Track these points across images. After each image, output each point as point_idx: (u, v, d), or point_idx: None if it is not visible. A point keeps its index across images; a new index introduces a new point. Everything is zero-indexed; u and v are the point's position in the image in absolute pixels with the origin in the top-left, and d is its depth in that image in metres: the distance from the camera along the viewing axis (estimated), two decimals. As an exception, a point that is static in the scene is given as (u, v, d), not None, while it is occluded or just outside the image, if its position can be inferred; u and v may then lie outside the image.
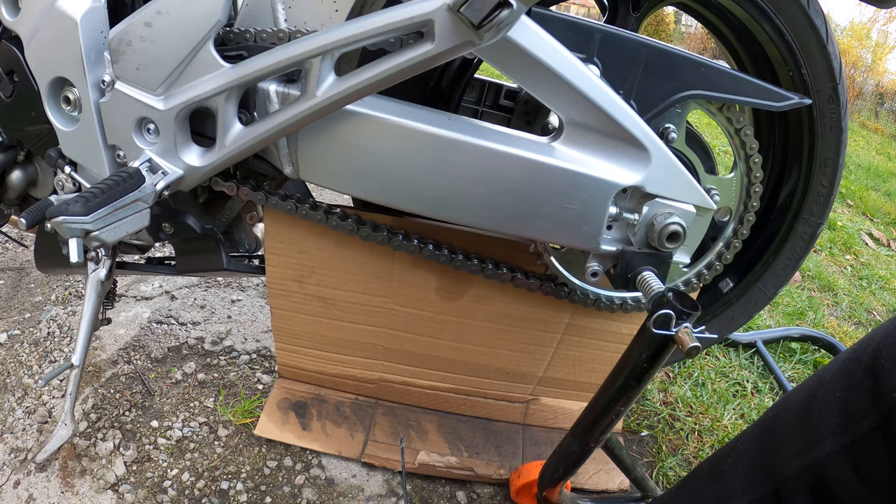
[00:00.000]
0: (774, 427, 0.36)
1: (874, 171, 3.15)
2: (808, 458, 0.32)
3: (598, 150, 0.48)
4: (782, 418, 0.36)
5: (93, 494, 0.62)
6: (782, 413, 0.36)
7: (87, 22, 0.50)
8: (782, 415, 0.36)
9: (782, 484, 0.33)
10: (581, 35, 0.48)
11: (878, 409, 0.30)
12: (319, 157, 0.50)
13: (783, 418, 0.35)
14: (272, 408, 0.73)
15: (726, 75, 0.52)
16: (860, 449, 0.30)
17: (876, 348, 0.31)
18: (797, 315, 1.21)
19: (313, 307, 0.68)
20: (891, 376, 0.29)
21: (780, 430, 0.35)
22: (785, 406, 0.36)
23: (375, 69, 0.41)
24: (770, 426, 0.36)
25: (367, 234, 0.57)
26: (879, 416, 0.29)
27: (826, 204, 0.68)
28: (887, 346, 0.31)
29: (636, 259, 0.52)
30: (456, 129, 0.47)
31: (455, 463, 0.69)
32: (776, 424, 0.36)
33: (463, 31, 0.37)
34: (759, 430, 0.37)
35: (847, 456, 0.30)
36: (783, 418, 0.35)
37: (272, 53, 0.45)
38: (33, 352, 0.81)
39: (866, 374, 0.31)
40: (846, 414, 0.31)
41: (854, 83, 6.23)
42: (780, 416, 0.36)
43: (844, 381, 0.32)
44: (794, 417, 0.34)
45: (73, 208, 0.46)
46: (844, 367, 0.33)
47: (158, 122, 0.50)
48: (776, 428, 0.36)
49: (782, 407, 0.37)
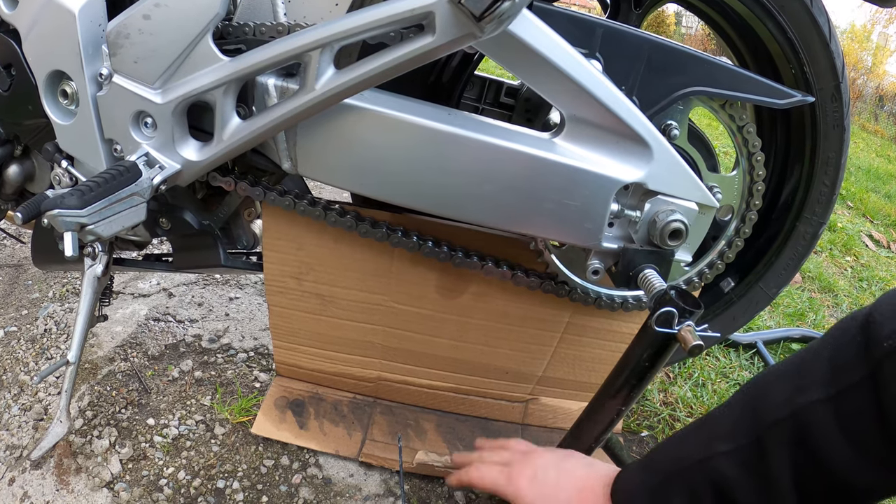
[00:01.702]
0: (764, 378, 0.36)
1: (874, 173, 3.15)
2: (794, 405, 0.32)
3: (599, 146, 0.48)
4: (772, 373, 0.36)
5: (88, 492, 0.62)
6: (773, 369, 0.37)
7: (85, 14, 0.50)
8: (773, 370, 0.36)
9: (766, 431, 0.33)
10: (583, 30, 0.48)
11: (867, 360, 0.30)
12: (318, 152, 0.49)
13: (773, 373, 0.36)
14: (269, 406, 0.72)
15: (729, 72, 0.52)
16: (846, 399, 0.30)
17: (870, 310, 0.32)
18: (797, 316, 1.21)
19: (311, 304, 0.67)
20: (881, 328, 0.30)
21: (769, 380, 0.36)
22: (777, 365, 0.37)
23: (375, 62, 0.41)
24: (762, 378, 0.37)
25: (365, 231, 0.56)
26: (868, 366, 0.30)
27: (828, 203, 0.68)
28: (881, 304, 0.31)
29: (638, 257, 0.52)
30: (456, 124, 0.46)
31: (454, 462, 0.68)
32: (766, 376, 0.36)
33: (464, 24, 0.37)
34: (752, 383, 0.38)
35: (832, 406, 0.31)
36: (773, 373, 0.36)
37: (271, 46, 0.44)
38: (30, 349, 0.81)
39: (858, 330, 0.31)
40: (835, 364, 0.31)
41: (854, 85, 6.25)
42: (771, 372, 0.36)
43: (837, 337, 0.33)
44: (783, 369, 0.35)
45: (69, 202, 0.45)
46: (839, 325, 0.34)
47: (156, 116, 0.50)
48: (766, 378, 0.36)
49: (774, 366, 0.38)
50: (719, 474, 0.34)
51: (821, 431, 0.31)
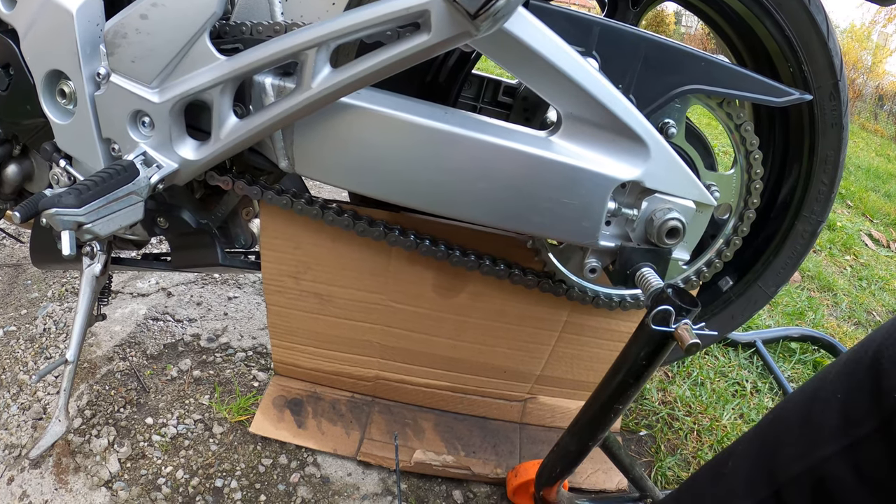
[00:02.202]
0: (775, 429, 0.36)
1: (874, 172, 3.15)
2: (809, 461, 0.32)
3: (596, 144, 0.48)
4: (783, 420, 0.35)
5: (86, 491, 0.62)
6: (783, 415, 0.36)
7: (82, 14, 0.50)
8: (783, 416, 0.36)
9: (783, 486, 0.33)
10: (580, 28, 0.48)
11: (879, 411, 0.29)
12: (315, 151, 0.49)
13: (784, 420, 0.35)
14: (267, 405, 0.72)
15: (727, 70, 0.52)
16: (861, 451, 0.30)
17: (877, 349, 0.31)
18: (797, 315, 1.21)
19: (309, 304, 0.67)
20: (891, 378, 0.29)
21: (780, 432, 0.35)
22: (785, 408, 0.36)
23: (371, 61, 0.41)
24: (770, 428, 0.36)
25: (363, 230, 0.56)
26: (880, 417, 0.29)
27: (827, 202, 0.68)
28: (888, 346, 0.30)
29: (635, 255, 0.52)
30: (452, 123, 0.46)
31: (452, 462, 0.68)
32: (776, 426, 0.36)
33: (459, 22, 0.37)
34: (760, 432, 0.37)
35: (847, 458, 0.30)
36: (784, 420, 0.35)
37: (267, 45, 0.44)
38: (29, 348, 0.81)
39: (867, 376, 0.31)
40: (847, 416, 0.31)
41: (854, 85, 6.24)
42: (781, 418, 0.36)
43: (845, 383, 0.32)
44: (794, 419, 0.34)
45: (66, 200, 0.45)
46: (845, 368, 0.33)
47: (153, 115, 0.50)
48: (777, 430, 0.36)
49: (782, 409, 0.36)
50: None
51: (839, 484, 0.30)
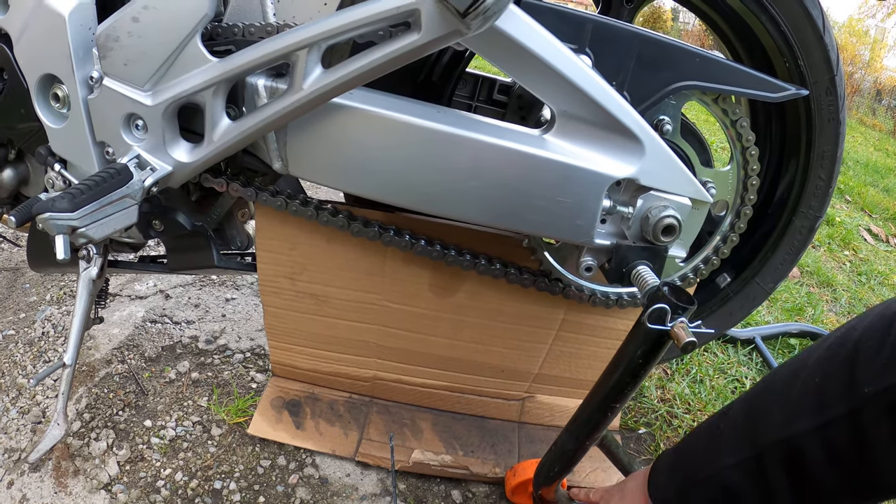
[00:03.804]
0: (761, 398, 0.41)
1: (872, 167, 3.14)
2: (786, 431, 0.37)
3: (590, 141, 0.48)
4: (768, 391, 0.41)
5: (86, 494, 0.62)
6: (769, 387, 0.41)
7: (75, 18, 0.50)
8: (769, 387, 0.41)
9: (763, 451, 0.38)
10: (572, 25, 0.48)
11: (849, 400, 0.33)
12: (308, 152, 0.49)
13: (769, 392, 0.41)
14: (266, 406, 0.72)
15: (721, 66, 0.52)
16: (830, 431, 0.35)
17: (857, 340, 0.35)
18: (796, 311, 1.20)
19: (306, 304, 0.67)
20: (865, 371, 0.33)
21: (765, 402, 0.40)
22: (772, 381, 0.41)
23: (362, 60, 0.41)
24: (757, 397, 0.42)
25: (358, 230, 0.56)
26: (850, 405, 0.33)
27: (824, 197, 0.67)
28: (867, 339, 0.34)
29: (631, 253, 0.52)
30: (445, 122, 0.46)
31: (450, 461, 0.68)
32: (762, 396, 0.41)
33: (449, 20, 0.37)
34: (749, 399, 0.43)
35: (819, 435, 0.35)
36: (769, 392, 0.41)
37: (259, 47, 0.44)
38: (28, 352, 0.81)
39: (844, 364, 0.35)
40: (822, 398, 0.35)
41: (852, 80, 6.21)
42: (767, 389, 0.41)
43: (824, 368, 0.36)
44: (778, 393, 0.39)
45: (59, 205, 0.45)
46: (826, 353, 0.37)
47: (146, 118, 0.50)
48: (762, 399, 0.41)
49: (769, 381, 0.42)
50: (730, 482, 0.41)
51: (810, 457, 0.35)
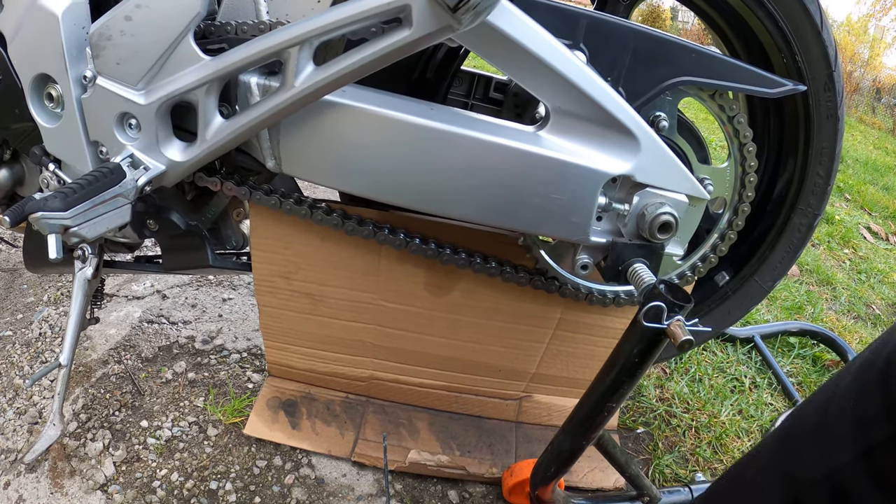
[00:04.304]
0: (793, 436, 0.37)
1: (872, 165, 3.13)
2: (826, 467, 0.33)
3: (585, 138, 0.47)
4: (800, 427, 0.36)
5: (82, 495, 0.62)
6: (800, 421, 0.37)
7: (68, 17, 0.50)
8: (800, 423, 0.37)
9: (802, 493, 0.34)
10: (566, 21, 0.47)
11: (891, 419, 0.30)
12: (301, 150, 0.49)
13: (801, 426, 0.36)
14: (262, 407, 0.72)
15: (718, 61, 0.51)
16: (875, 456, 0.31)
17: (888, 354, 0.31)
18: (795, 309, 1.20)
19: (301, 304, 0.67)
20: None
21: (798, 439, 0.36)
22: (803, 414, 0.37)
23: (353, 57, 0.40)
24: (789, 435, 0.37)
25: (352, 229, 0.56)
26: (892, 425, 0.30)
27: (823, 194, 0.67)
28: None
29: (627, 251, 0.51)
30: (438, 119, 0.46)
31: (447, 461, 0.68)
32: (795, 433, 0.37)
33: (440, 16, 0.36)
34: (778, 439, 0.38)
35: (863, 463, 0.31)
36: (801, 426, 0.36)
37: (250, 45, 0.44)
38: (25, 353, 0.81)
39: (877, 382, 0.31)
40: (860, 422, 0.32)
41: (851, 78, 6.19)
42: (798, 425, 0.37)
43: (858, 389, 0.33)
44: (811, 426, 0.35)
45: (52, 204, 0.45)
46: (858, 373, 0.34)
47: (140, 117, 0.50)
48: (795, 437, 0.36)
49: (800, 415, 0.37)
50: None
51: (857, 488, 0.31)
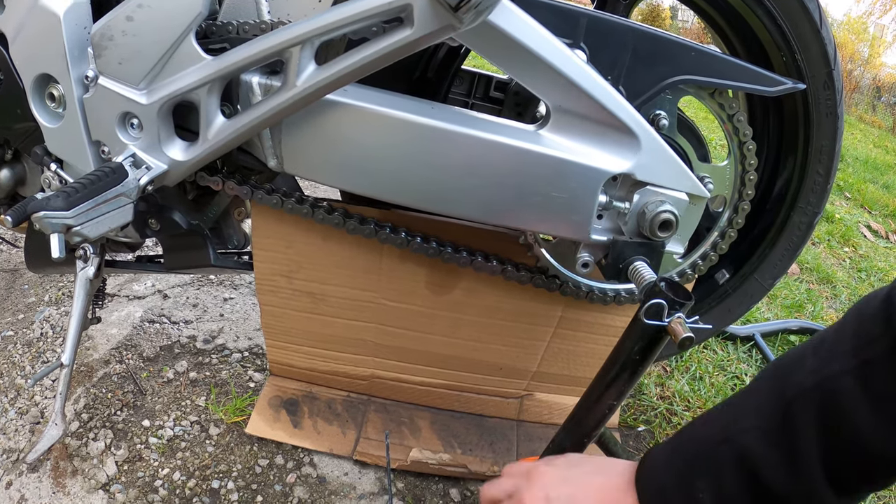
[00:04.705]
0: (789, 357, 0.36)
1: (872, 163, 3.13)
2: (819, 375, 0.32)
3: (586, 137, 0.47)
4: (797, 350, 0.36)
5: (84, 494, 0.62)
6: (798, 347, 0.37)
7: (70, 17, 0.50)
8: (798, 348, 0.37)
9: (791, 403, 0.33)
10: (567, 20, 0.47)
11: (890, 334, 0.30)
12: (303, 149, 0.49)
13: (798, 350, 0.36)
14: (263, 406, 0.72)
15: (717, 60, 0.51)
16: (872, 369, 0.31)
17: (890, 289, 0.32)
18: (796, 307, 1.20)
19: (303, 303, 0.67)
20: None
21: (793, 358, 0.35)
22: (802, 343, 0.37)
23: (355, 56, 0.41)
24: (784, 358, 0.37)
25: (353, 228, 0.56)
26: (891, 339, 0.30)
27: (823, 192, 0.67)
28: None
29: (627, 249, 0.52)
30: (439, 118, 0.46)
31: (448, 460, 0.68)
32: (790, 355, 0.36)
33: (442, 15, 0.37)
34: (775, 363, 0.38)
35: (859, 374, 0.31)
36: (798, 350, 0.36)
37: (252, 44, 0.44)
38: (26, 353, 0.81)
39: (881, 304, 0.31)
40: (860, 336, 0.32)
41: (851, 77, 6.20)
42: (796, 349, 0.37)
43: (859, 312, 0.33)
44: (808, 346, 0.35)
45: (54, 203, 0.45)
46: (859, 303, 0.34)
47: (141, 117, 0.50)
48: (790, 357, 0.36)
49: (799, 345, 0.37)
50: (744, 450, 0.33)
51: (848, 399, 0.30)
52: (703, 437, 0.37)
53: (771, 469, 0.32)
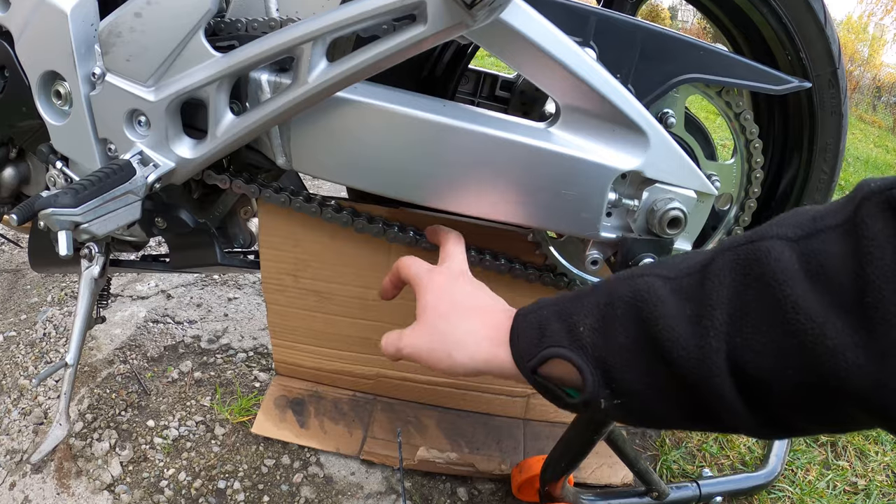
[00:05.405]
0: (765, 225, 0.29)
1: (872, 163, 3.15)
2: (756, 235, 0.26)
3: (595, 134, 0.47)
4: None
5: (88, 495, 0.61)
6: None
7: (77, 14, 0.49)
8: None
9: (716, 256, 0.27)
10: (576, 18, 0.48)
11: (849, 203, 0.24)
12: (312, 147, 0.49)
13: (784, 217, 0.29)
14: (269, 405, 0.72)
15: (724, 58, 0.52)
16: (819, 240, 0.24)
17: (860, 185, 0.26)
18: (800, 307, 1.20)
19: (309, 302, 0.67)
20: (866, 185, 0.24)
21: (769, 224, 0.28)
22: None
23: (367, 53, 0.41)
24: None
25: (361, 226, 0.56)
26: (849, 208, 0.24)
27: (827, 191, 0.67)
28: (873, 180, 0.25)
29: (637, 246, 0.52)
30: (450, 115, 0.46)
31: (455, 459, 0.68)
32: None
33: (455, 12, 0.37)
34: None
35: (802, 244, 0.24)
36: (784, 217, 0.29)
37: (263, 41, 0.44)
38: (29, 353, 0.80)
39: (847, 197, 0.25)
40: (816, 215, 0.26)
41: (851, 76, 6.25)
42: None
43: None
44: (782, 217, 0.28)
45: (62, 200, 0.45)
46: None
47: (149, 114, 0.49)
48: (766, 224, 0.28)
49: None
50: (644, 287, 0.27)
51: (780, 262, 0.24)
52: (602, 283, 0.31)
53: (668, 309, 0.26)
